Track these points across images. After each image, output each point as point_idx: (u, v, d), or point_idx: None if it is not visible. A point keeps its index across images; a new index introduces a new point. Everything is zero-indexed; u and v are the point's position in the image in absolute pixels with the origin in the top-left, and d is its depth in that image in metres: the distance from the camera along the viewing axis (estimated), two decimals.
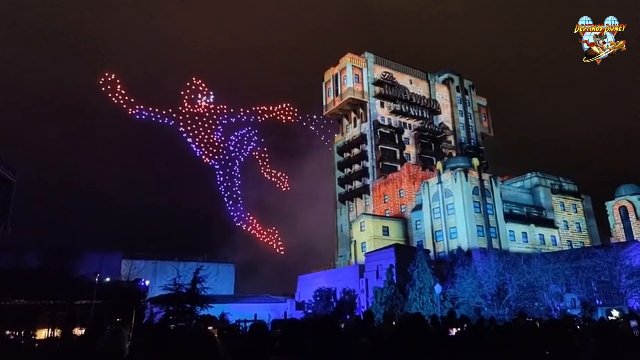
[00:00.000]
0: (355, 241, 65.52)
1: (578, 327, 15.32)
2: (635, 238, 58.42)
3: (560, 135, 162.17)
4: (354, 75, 79.89)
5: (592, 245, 60.54)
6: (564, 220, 67.74)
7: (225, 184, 69.24)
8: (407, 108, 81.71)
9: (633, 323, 10.23)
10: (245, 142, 71.19)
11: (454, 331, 11.69)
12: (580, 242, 66.34)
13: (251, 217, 72.05)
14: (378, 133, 77.71)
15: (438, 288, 33.44)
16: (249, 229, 70.77)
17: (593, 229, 70.80)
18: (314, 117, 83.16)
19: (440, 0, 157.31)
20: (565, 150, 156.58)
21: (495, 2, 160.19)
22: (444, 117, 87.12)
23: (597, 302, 35.42)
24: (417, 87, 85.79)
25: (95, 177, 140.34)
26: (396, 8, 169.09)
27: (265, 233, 71.65)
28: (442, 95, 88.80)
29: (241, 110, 69.69)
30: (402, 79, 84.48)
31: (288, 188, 73.21)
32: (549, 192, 68.19)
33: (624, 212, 64.81)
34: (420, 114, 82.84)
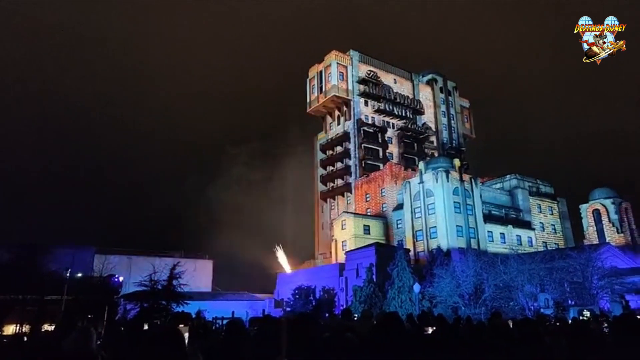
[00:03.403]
0: (336, 239, 65.51)
1: (549, 326, 15.49)
2: (607, 240, 60.03)
3: (539, 139, 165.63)
4: (338, 73, 79.78)
5: (566, 247, 61.98)
6: (540, 222, 69.14)
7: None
8: (391, 107, 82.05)
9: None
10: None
11: (430, 330, 11.64)
12: (555, 243, 67.81)
13: None
14: (361, 131, 77.83)
15: (417, 287, 33.62)
16: None
17: (567, 230, 72.50)
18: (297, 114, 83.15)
19: (426, 1, 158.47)
20: (543, 153, 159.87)
21: (481, 5, 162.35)
22: (427, 117, 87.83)
23: (570, 302, 36.13)
24: (401, 86, 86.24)
25: (69, 173, 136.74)
26: (381, 8, 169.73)
27: None
28: (425, 95, 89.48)
29: None
30: (387, 78, 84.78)
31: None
32: (527, 194, 69.50)
33: (597, 215, 66.51)
34: (404, 114, 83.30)
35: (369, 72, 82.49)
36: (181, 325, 10.84)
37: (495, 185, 71.39)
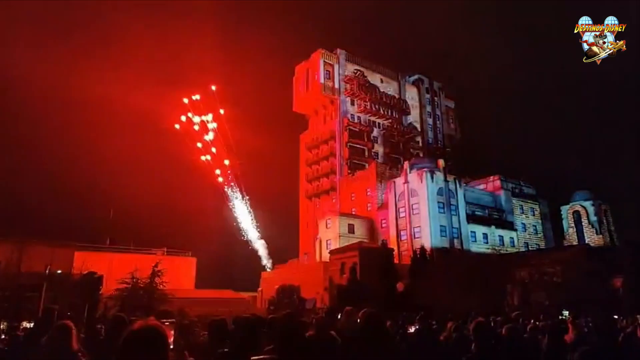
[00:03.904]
0: (320, 238, 65.54)
1: (530, 325, 15.76)
2: (586, 241, 61.49)
3: (521, 141, 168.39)
4: (325, 71, 79.71)
5: (547, 247, 63.28)
6: (523, 223, 70.37)
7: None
8: (377, 107, 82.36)
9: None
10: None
11: (412, 329, 11.75)
12: (537, 244, 69.10)
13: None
14: (347, 130, 77.94)
15: (400, 286, 33.86)
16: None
17: (548, 231, 73.95)
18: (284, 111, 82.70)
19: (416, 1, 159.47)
20: (525, 154, 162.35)
21: (472, 5, 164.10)
22: (413, 117, 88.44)
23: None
24: (387, 86, 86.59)
25: (47, 167, 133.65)
26: (370, 7, 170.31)
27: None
28: (411, 95, 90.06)
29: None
30: (373, 78, 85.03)
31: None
32: (510, 196, 70.65)
33: (577, 216, 68.12)
34: (390, 114, 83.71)
35: (355, 71, 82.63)
36: (166, 323, 10.69)
37: (479, 186, 72.37)
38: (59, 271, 35.14)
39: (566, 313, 32.32)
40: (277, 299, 50.01)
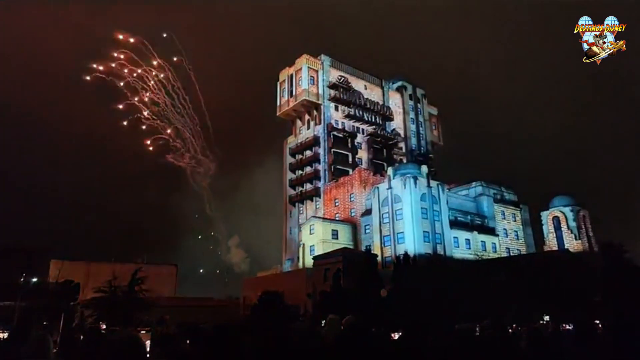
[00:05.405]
0: (303, 244, 65.28)
1: (510, 330, 15.91)
2: (566, 247, 62.75)
3: (503, 147, 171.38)
4: (309, 77, 79.88)
5: (528, 253, 64.34)
6: (504, 228, 71.43)
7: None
8: (361, 113, 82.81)
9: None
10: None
11: (395, 335, 11.71)
12: (518, 249, 70.19)
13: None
14: (331, 136, 78.14)
15: (384, 293, 33.85)
16: None
17: (529, 237, 75.21)
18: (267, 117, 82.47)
19: (404, 1, 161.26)
20: (507, 161, 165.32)
21: (456, 10, 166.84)
22: (397, 123, 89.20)
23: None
24: (371, 92, 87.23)
25: (22, 173, 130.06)
26: (354, 13, 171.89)
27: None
28: (395, 102, 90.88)
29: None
30: (357, 84, 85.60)
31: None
32: (492, 201, 71.70)
33: (557, 222, 69.45)
34: (373, 120, 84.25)
35: (339, 77, 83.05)
36: (143, 332, 10.42)
37: (461, 192, 73.26)
38: (34, 279, 34.15)
39: (547, 318, 32.83)
40: (260, 306, 49.45)
